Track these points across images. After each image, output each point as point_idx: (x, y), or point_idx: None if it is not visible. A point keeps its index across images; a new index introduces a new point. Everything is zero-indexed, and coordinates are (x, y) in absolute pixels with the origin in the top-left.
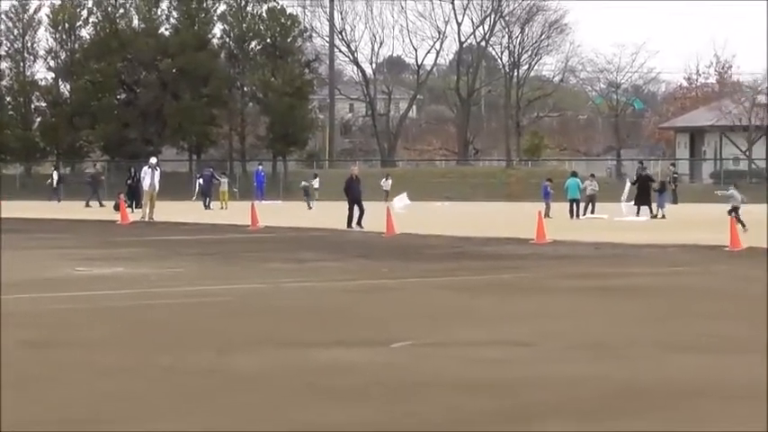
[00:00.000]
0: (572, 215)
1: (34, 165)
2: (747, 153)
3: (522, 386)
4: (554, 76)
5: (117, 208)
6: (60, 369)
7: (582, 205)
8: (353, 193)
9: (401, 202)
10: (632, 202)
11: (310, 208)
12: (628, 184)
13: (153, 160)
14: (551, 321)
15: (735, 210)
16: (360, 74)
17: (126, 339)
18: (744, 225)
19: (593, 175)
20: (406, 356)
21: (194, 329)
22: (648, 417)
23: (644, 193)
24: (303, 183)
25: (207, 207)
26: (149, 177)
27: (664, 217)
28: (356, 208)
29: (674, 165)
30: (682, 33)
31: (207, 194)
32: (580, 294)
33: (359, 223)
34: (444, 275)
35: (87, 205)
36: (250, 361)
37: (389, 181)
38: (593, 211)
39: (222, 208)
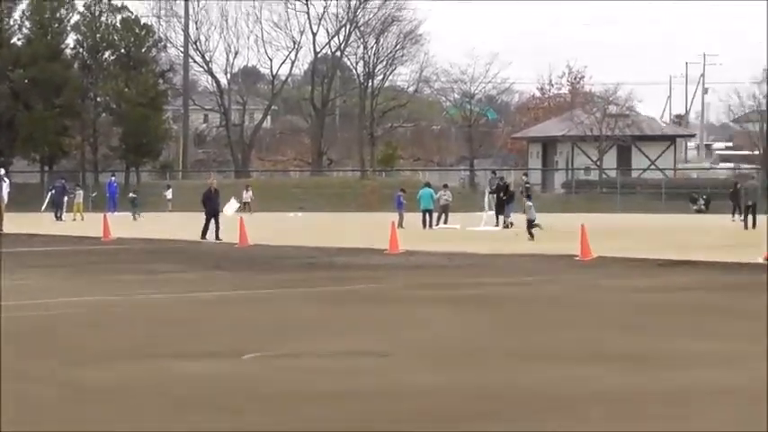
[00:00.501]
0: (425, 225)
1: None
2: (598, 163)
3: (374, 396)
4: (408, 87)
5: None
6: None
7: (435, 215)
8: (211, 205)
9: (231, 207)
10: (492, 212)
11: (135, 219)
12: (487, 194)
13: (0, 171)
14: (405, 331)
15: (530, 222)
16: (214, 84)
17: None
18: (532, 236)
19: (446, 186)
20: (257, 368)
21: (45, 342)
22: (499, 424)
23: (502, 203)
24: (131, 194)
25: (58, 218)
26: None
27: (512, 225)
28: (212, 220)
29: (526, 174)
30: (535, 44)
31: (59, 206)
32: (433, 304)
33: (216, 237)
34: (298, 286)
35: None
36: (101, 373)
37: (250, 192)
38: (446, 222)
39: (74, 219)
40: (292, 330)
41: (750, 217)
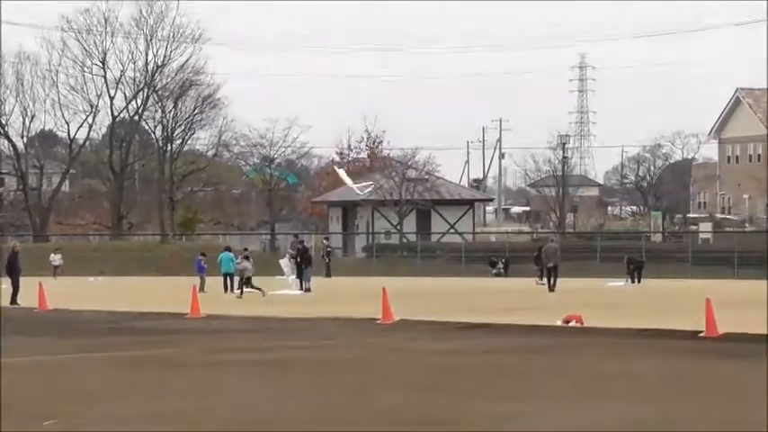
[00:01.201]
0: (226, 289)
1: None
2: (398, 227)
3: None
4: (208, 150)
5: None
6: None
7: (237, 279)
8: (14, 268)
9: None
10: (294, 275)
11: None
12: (286, 259)
13: None
14: (201, 396)
15: (248, 279)
16: (11, 148)
17: None
18: (242, 293)
19: (246, 249)
20: None
21: None
22: None
23: (301, 267)
24: None
25: None
26: None
27: (309, 290)
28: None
29: (327, 238)
30: (333, 109)
31: None
32: (233, 368)
33: (13, 301)
34: (98, 351)
35: None
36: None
37: (59, 255)
38: (249, 286)
39: None
40: (91, 396)
41: (552, 279)
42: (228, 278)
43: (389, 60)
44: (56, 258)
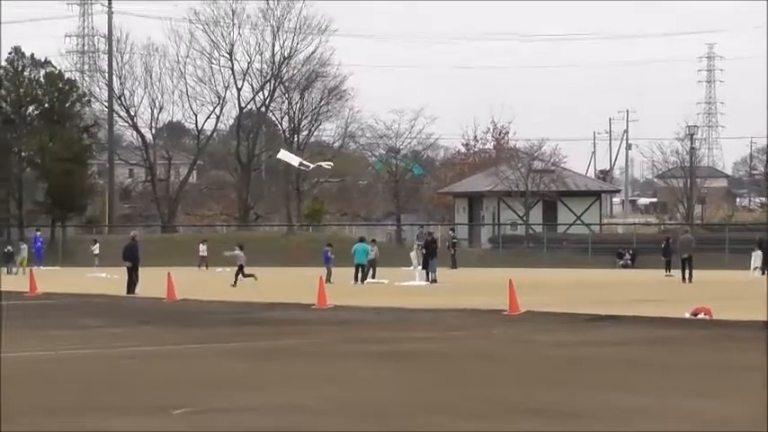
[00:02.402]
0: (356, 280)
1: None
2: (525, 218)
3: None
4: (334, 142)
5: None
6: None
7: (366, 270)
8: (132, 258)
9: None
10: (420, 266)
11: (9, 273)
12: (416, 250)
13: None
14: (331, 386)
15: (241, 267)
16: (139, 139)
17: None
18: (236, 281)
19: (373, 241)
20: (185, 423)
21: None
22: None
23: (427, 258)
24: (8, 248)
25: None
26: None
27: (435, 281)
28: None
29: (452, 230)
30: (459, 100)
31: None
32: (360, 359)
33: (132, 291)
34: (226, 341)
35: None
36: (27, 429)
37: (205, 247)
38: (373, 276)
39: (16, 273)
40: (220, 385)
41: (687, 271)
42: (360, 269)
43: (517, 51)
44: (202, 249)
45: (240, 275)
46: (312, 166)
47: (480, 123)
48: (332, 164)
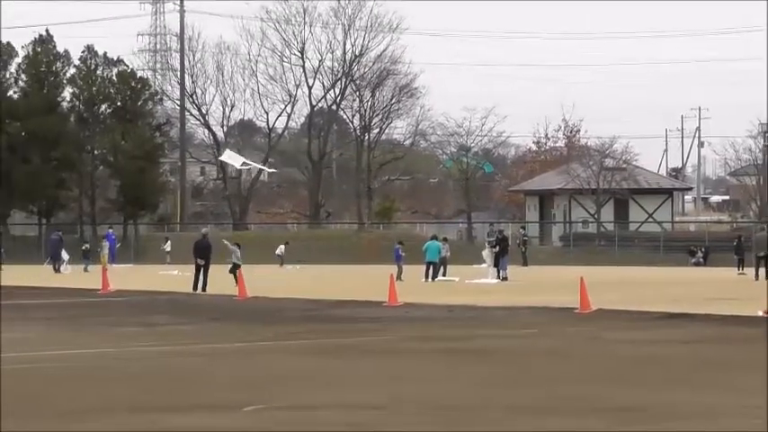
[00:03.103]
0: (426, 277)
1: None
2: (596, 216)
3: None
4: (405, 140)
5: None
6: None
7: (437, 268)
8: (202, 255)
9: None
10: (492, 264)
11: (86, 270)
12: (487, 247)
13: None
14: (403, 384)
15: (236, 267)
16: (211, 137)
17: None
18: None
19: (445, 239)
20: (257, 420)
21: (43, 395)
22: None
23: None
24: (85, 245)
25: (57, 271)
26: None
27: (506, 279)
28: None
29: (524, 228)
30: (530, 98)
31: (55, 258)
32: (432, 357)
33: (202, 288)
34: (297, 339)
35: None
36: (103, 427)
37: (284, 246)
38: (444, 274)
39: (86, 270)
40: (291, 383)
41: (762, 269)
42: (432, 266)
43: (587, 49)
44: (281, 249)
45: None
46: (255, 166)
47: (552, 121)
48: (275, 169)
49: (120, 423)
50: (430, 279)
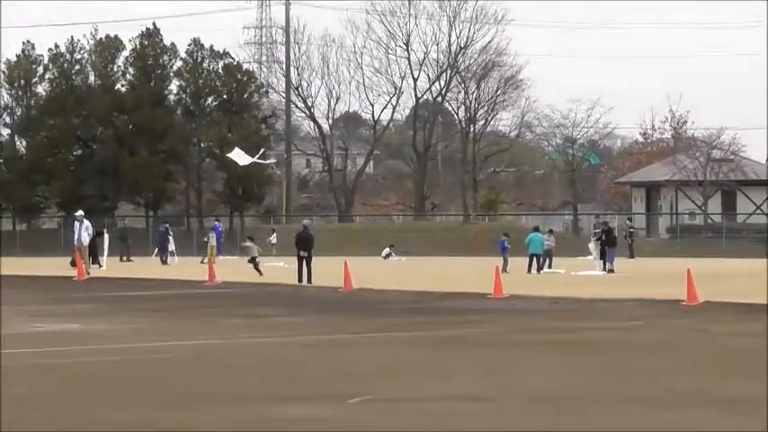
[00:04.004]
0: (530, 270)
1: None
2: (703, 208)
3: None
4: (510, 132)
5: (74, 264)
6: (15, 427)
7: (542, 260)
8: (304, 247)
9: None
10: (598, 256)
11: (203, 263)
12: (593, 240)
13: (78, 213)
14: (509, 376)
15: (253, 259)
16: (316, 129)
17: (82, 396)
18: (261, 273)
19: (550, 231)
20: (363, 412)
21: (151, 386)
22: None
23: (605, 247)
24: (205, 238)
25: (164, 262)
26: (77, 231)
27: (612, 271)
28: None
29: (630, 219)
30: (637, 89)
31: (163, 249)
32: (538, 349)
33: (308, 280)
34: (402, 330)
35: (124, 260)
36: (209, 417)
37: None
38: (549, 266)
39: (203, 262)
40: (397, 374)
41: None
42: (535, 259)
43: (695, 38)
44: (387, 251)
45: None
46: (262, 162)
47: (658, 112)
48: (275, 160)
49: (228, 413)
50: (534, 271)
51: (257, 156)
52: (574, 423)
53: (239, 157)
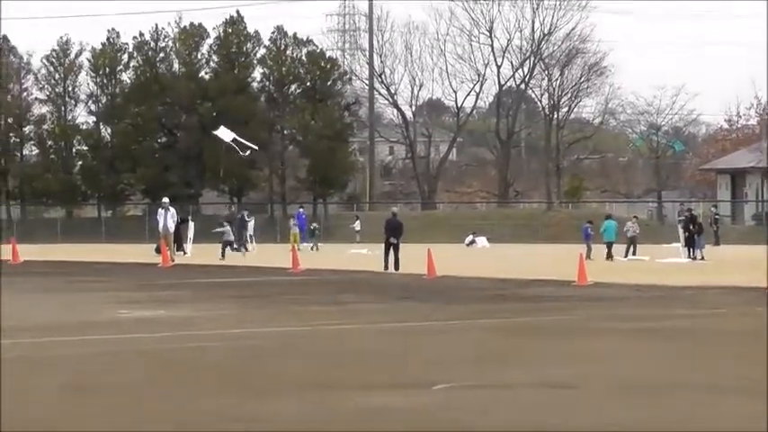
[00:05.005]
0: (607, 257)
1: (75, 208)
2: None
3: (565, 430)
4: (594, 119)
5: (158, 251)
6: (102, 413)
7: (624, 247)
8: (392, 234)
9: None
10: (684, 244)
11: (312, 249)
12: (680, 227)
13: (165, 200)
14: (593, 363)
15: (227, 243)
16: (399, 116)
17: (167, 383)
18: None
19: (635, 217)
20: (447, 399)
21: (235, 372)
22: None
23: (692, 235)
24: (314, 224)
25: (236, 250)
26: (162, 219)
27: (702, 258)
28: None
29: (715, 206)
30: (722, 75)
31: (239, 237)
32: (622, 336)
33: (395, 267)
34: (486, 317)
35: (236, 249)
36: (291, 405)
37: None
38: (634, 253)
39: (298, 249)
40: (481, 361)
41: None
42: (611, 246)
43: None
44: (470, 238)
45: (228, 249)
46: (244, 144)
47: (743, 99)
48: (256, 147)
49: (313, 400)
50: (610, 258)
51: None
52: (660, 411)
53: (224, 133)
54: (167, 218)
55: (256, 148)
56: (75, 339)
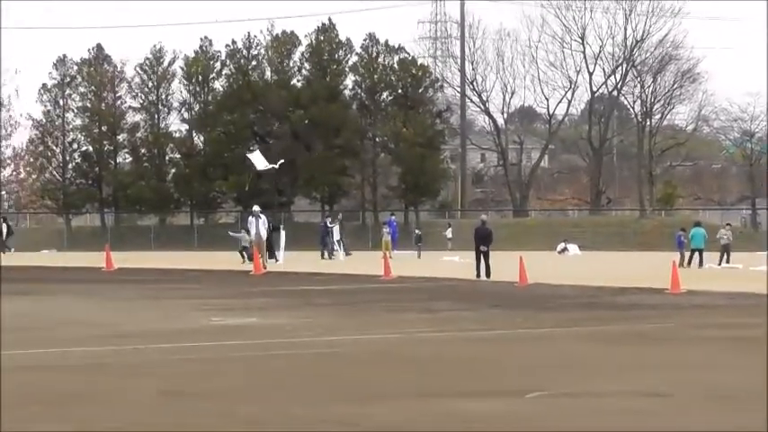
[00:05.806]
0: (700, 264)
1: (168, 215)
2: None
3: None
4: (687, 125)
5: (251, 258)
6: (197, 419)
7: (717, 255)
8: (481, 242)
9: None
10: None
11: (419, 257)
12: None
13: (255, 208)
14: (688, 372)
15: (244, 248)
16: (491, 123)
17: (262, 390)
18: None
19: (728, 225)
20: (541, 407)
21: (331, 380)
22: None
23: None
24: (417, 231)
25: (323, 257)
26: (254, 227)
27: None
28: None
29: None
30: None
31: (323, 244)
32: (716, 344)
33: (486, 274)
34: (578, 325)
35: (338, 252)
36: (391, 412)
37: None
38: (727, 261)
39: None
40: (574, 369)
41: None
42: (699, 254)
43: None
44: (562, 246)
45: (245, 254)
46: (272, 167)
47: None
48: (276, 165)
49: (410, 408)
50: (699, 266)
51: (276, 164)
52: (753, 421)
53: (258, 160)
54: (259, 225)
55: (276, 166)
56: (170, 346)
